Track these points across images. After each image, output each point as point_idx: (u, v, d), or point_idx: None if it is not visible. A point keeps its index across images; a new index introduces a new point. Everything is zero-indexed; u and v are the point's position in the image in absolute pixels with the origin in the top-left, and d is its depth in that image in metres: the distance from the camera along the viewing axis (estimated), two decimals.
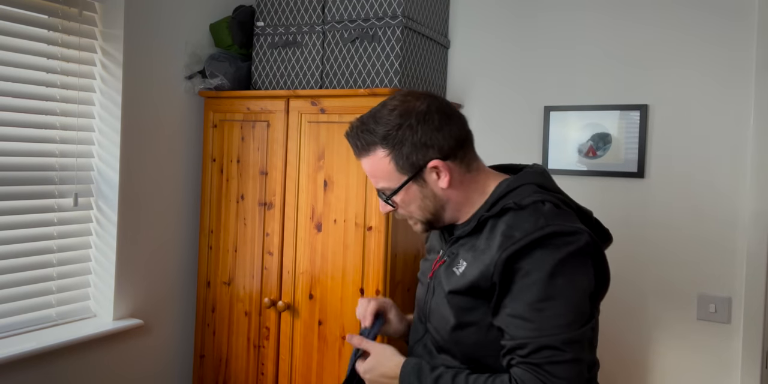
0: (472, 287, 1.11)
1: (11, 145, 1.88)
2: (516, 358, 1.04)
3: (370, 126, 1.17)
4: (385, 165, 1.17)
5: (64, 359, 1.97)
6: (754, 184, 1.97)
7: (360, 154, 1.20)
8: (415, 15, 2.15)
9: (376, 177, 1.20)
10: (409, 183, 1.17)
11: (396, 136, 1.15)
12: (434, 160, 1.16)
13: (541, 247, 1.05)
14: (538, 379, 1.00)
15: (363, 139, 1.18)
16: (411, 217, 1.23)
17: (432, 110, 1.17)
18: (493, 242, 1.10)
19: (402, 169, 1.16)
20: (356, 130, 1.19)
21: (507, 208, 1.12)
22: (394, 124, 1.15)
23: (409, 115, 1.16)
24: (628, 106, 2.14)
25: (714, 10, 2.03)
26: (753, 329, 1.96)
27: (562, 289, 1.04)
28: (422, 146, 1.15)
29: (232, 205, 2.29)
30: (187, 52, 2.31)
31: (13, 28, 1.87)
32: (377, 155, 1.17)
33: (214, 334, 2.33)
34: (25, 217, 1.93)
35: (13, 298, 1.92)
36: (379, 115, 1.17)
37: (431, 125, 1.16)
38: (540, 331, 1.02)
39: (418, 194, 1.18)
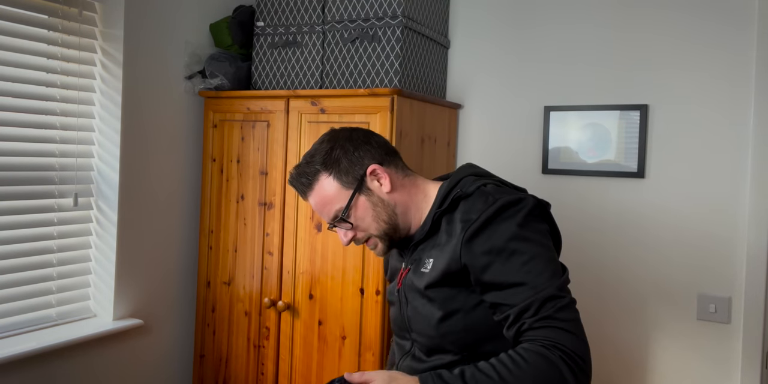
0: (445, 274, 1.17)
1: (11, 145, 1.88)
2: (527, 322, 1.07)
3: (308, 161, 1.28)
4: (331, 185, 1.25)
5: (64, 359, 1.97)
6: (754, 184, 1.97)
7: (308, 190, 1.27)
8: (415, 15, 2.15)
9: (327, 204, 1.26)
10: (356, 195, 1.25)
11: (332, 156, 1.26)
12: (371, 165, 1.26)
13: (498, 220, 1.14)
14: (558, 328, 1.05)
15: (306, 173, 1.27)
16: (370, 236, 1.27)
17: (355, 131, 1.31)
18: (455, 231, 1.18)
19: (346, 184, 1.25)
20: (298, 170, 1.28)
21: (456, 197, 1.21)
22: (326, 149, 1.27)
23: (335, 139, 1.29)
24: (628, 106, 2.14)
25: (714, 11, 2.03)
26: (753, 329, 1.96)
27: (533, 248, 1.12)
28: (357, 158, 1.26)
29: (232, 205, 2.29)
30: (187, 52, 2.31)
31: (13, 28, 1.87)
32: (321, 181, 1.26)
33: (214, 334, 2.33)
34: (25, 217, 1.93)
35: (13, 298, 1.92)
36: (311, 152, 1.29)
37: (358, 140, 1.29)
38: (535, 288, 1.08)
39: (368, 204, 1.25)
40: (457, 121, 2.47)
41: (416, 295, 1.24)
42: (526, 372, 1.01)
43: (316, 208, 1.28)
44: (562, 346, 1.03)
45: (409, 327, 1.27)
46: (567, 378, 1.01)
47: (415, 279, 1.24)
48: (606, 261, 2.17)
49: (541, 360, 1.02)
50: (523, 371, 1.01)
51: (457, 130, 2.47)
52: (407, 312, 1.27)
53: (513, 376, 1.01)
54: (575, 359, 1.02)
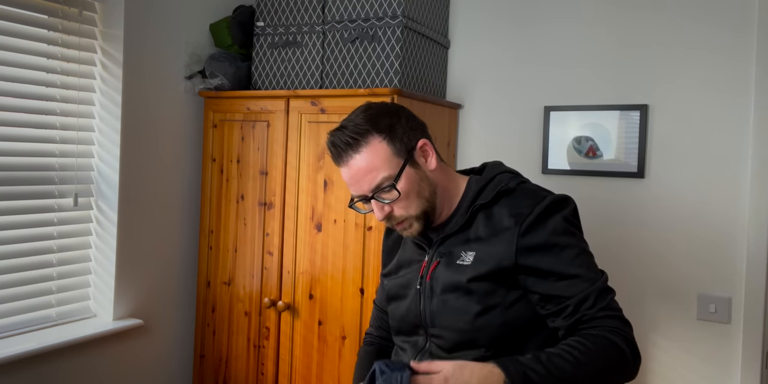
0: (495, 269, 1.17)
1: (11, 145, 1.88)
2: (588, 313, 1.12)
3: (357, 123, 1.21)
4: (383, 150, 1.19)
5: (64, 359, 1.97)
6: (754, 184, 1.97)
7: (353, 152, 1.19)
8: (415, 15, 2.15)
9: (373, 170, 1.18)
10: (407, 165, 1.20)
11: (385, 122, 1.21)
12: (422, 139, 1.24)
13: (550, 215, 1.17)
14: (616, 317, 1.13)
15: (355, 133, 1.19)
16: (408, 215, 1.22)
17: (398, 105, 1.29)
18: (502, 224, 1.19)
19: (398, 152, 1.20)
20: (344, 131, 1.21)
21: (501, 191, 1.22)
22: (375, 115, 1.22)
23: (383, 108, 1.25)
24: (628, 106, 2.14)
25: (714, 11, 2.03)
26: (753, 329, 1.96)
27: (581, 243, 1.19)
28: (409, 129, 1.23)
29: (232, 205, 2.29)
30: (187, 52, 2.31)
31: (13, 28, 1.87)
32: (373, 143, 1.19)
33: (214, 334, 2.33)
34: (25, 217, 1.93)
35: (13, 298, 1.92)
36: (359, 117, 1.23)
37: (408, 113, 1.27)
38: (591, 281, 1.14)
39: (416, 177, 1.21)
40: (457, 121, 2.47)
41: (449, 288, 1.21)
42: (597, 353, 1.07)
43: (356, 175, 1.20)
44: (623, 331, 1.12)
45: (430, 321, 1.24)
46: (629, 358, 1.10)
47: (451, 272, 1.21)
48: (606, 261, 2.17)
49: (608, 343, 1.09)
50: (593, 352, 1.07)
51: (457, 130, 2.47)
52: (431, 306, 1.24)
53: (585, 356, 1.06)
54: (633, 343, 1.12)
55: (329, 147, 1.23)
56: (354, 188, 1.22)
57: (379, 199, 1.21)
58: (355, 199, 1.25)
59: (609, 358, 1.08)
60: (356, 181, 1.20)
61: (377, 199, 1.21)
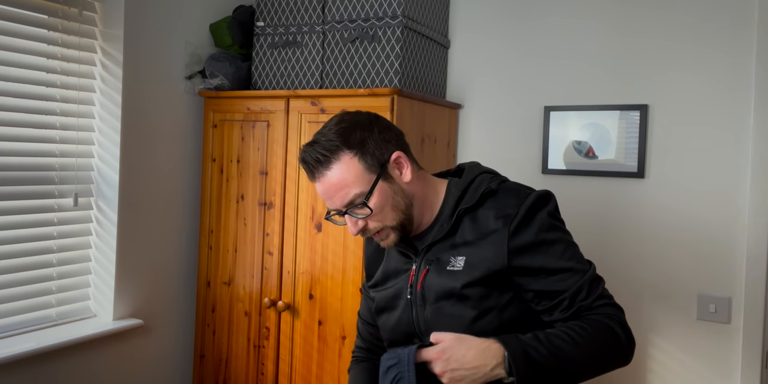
0: (487, 272, 1.17)
1: (11, 145, 1.88)
2: (584, 304, 1.15)
3: (329, 138, 1.18)
4: (354, 167, 1.17)
5: (64, 359, 1.97)
6: (754, 184, 1.97)
7: (324, 169, 1.18)
8: (415, 15, 2.15)
9: (345, 187, 1.17)
10: (379, 181, 1.18)
11: (355, 136, 1.19)
12: (396, 151, 1.21)
13: (535, 212, 1.18)
14: (610, 304, 1.16)
15: (326, 150, 1.17)
16: (383, 226, 1.21)
17: (373, 114, 1.26)
18: (489, 227, 1.19)
19: (370, 168, 1.18)
20: (313, 147, 1.19)
21: (485, 193, 1.22)
22: (348, 128, 1.19)
23: (356, 120, 1.22)
24: (628, 106, 2.14)
25: (714, 11, 2.03)
26: (753, 329, 1.96)
27: (566, 236, 1.20)
28: (382, 141, 1.21)
29: (232, 205, 2.29)
30: (187, 52, 2.31)
31: (13, 28, 1.87)
32: (343, 160, 1.17)
33: (214, 334, 2.33)
34: (25, 217, 1.93)
35: (13, 298, 1.92)
36: (328, 132, 1.20)
37: (382, 124, 1.23)
38: (581, 272, 1.16)
39: (389, 191, 1.20)
40: (457, 121, 2.47)
41: (443, 296, 1.20)
42: (594, 336, 1.10)
43: (328, 191, 1.19)
44: (618, 317, 1.15)
45: (424, 330, 1.23)
46: (623, 343, 1.13)
47: (443, 279, 1.20)
48: (606, 261, 2.17)
49: (605, 327, 1.12)
50: (590, 335, 1.10)
51: (457, 130, 2.47)
52: (424, 314, 1.22)
53: (582, 338, 1.09)
54: (627, 328, 1.15)
55: (301, 163, 1.21)
56: (328, 203, 1.21)
57: (352, 214, 1.20)
58: (331, 213, 1.24)
59: (605, 342, 1.11)
60: (329, 196, 1.20)
61: (350, 214, 1.20)
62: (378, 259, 1.39)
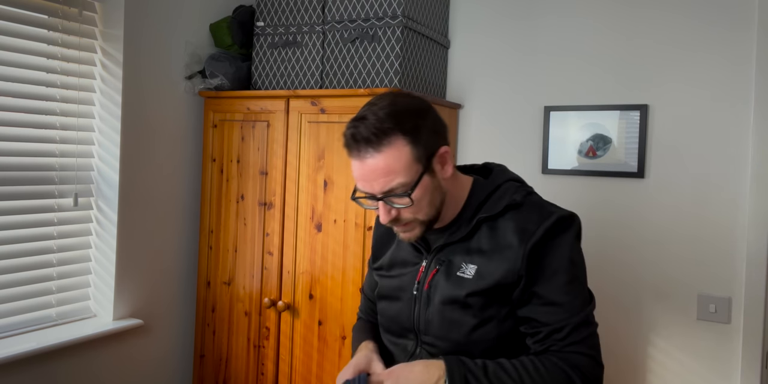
0: (497, 286, 1.15)
1: (11, 145, 1.88)
2: (556, 344, 1.11)
3: (382, 118, 1.10)
4: (405, 155, 1.09)
5: (64, 359, 1.97)
6: (754, 184, 1.97)
7: (372, 149, 1.09)
8: (415, 15, 2.15)
9: (390, 173, 1.09)
10: (425, 174, 1.12)
11: (412, 123, 1.11)
12: (443, 146, 1.15)
13: (555, 235, 1.14)
14: (584, 354, 1.10)
15: (378, 130, 1.08)
16: (414, 219, 1.16)
17: (426, 102, 1.19)
18: (506, 240, 1.16)
19: (419, 158, 1.11)
20: (366, 124, 1.09)
21: (510, 205, 1.18)
22: (405, 114, 1.11)
23: (413, 106, 1.15)
24: (628, 106, 2.14)
25: (714, 11, 2.03)
26: (753, 329, 1.96)
27: (578, 270, 1.15)
28: (433, 132, 1.14)
29: (232, 205, 2.29)
30: (187, 52, 2.31)
31: (13, 28, 1.87)
32: (396, 145, 1.09)
33: (214, 334, 2.33)
34: (25, 217, 1.93)
35: (13, 298, 1.92)
36: (383, 110, 1.11)
37: (434, 114, 1.18)
38: (571, 312, 1.11)
39: (430, 185, 1.14)
40: (457, 121, 2.47)
41: (447, 301, 1.18)
42: (545, 381, 1.07)
43: (369, 174, 1.11)
44: (585, 369, 1.09)
45: (423, 329, 1.22)
46: None
47: (451, 284, 1.18)
48: (606, 261, 2.17)
49: (562, 375, 1.08)
50: (542, 379, 1.07)
51: (457, 130, 2.47)
52: (426, 314, 1.21)
53: (530, 378, 1.07)
54: (591, 383, 1.09)
55: (347, 138, 1.12)
56: (363, 184, 1.13)
57: (388, 202, 1.13)
58: (361, 194, 1.16)
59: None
60: (368, 179, 1.11)
61: (387, 202, 1.13)
62: (388, 242, 1.36)
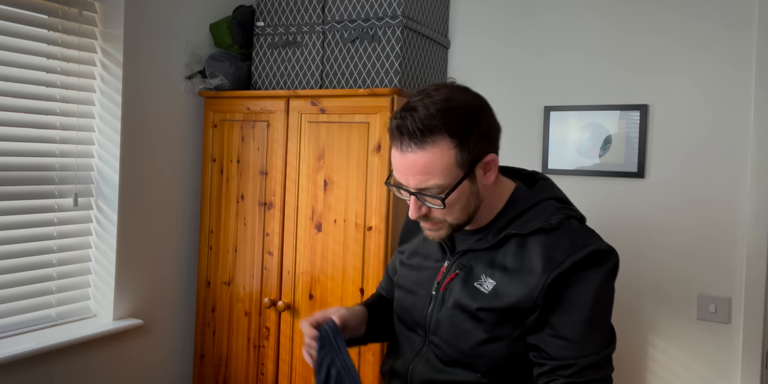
0: (511, 308, 1.10)
1: (11, 145, 1.88)
2: (560, 379, 1.05)
3: (432, 113, 1.05)
4: (448, 158, 1.05)
5: (64, 359, 1.97)
6: (754, 184, 1.97)
7: (414, 145, 1.05)
8: (415, 15, 2.15)
9: (430, 173, 1.05)
10: (465, 178, 1.08)
11: (463, 125, 1.06)
12: (491, 154, 1.10)
13: (584, 268, 1.07)
14: None
15: (426, 127, 1.04)
16: (443, 220, 1.13)
17: (485, 103, 1.14)
18: (531, 263, 1.09)
19: (460, 164, 1.06)
20: (415, 117, 1.05)
21: (542, 229, 1.12)
22: (459, 113, 1.06)
23: (470, 106, 1.09)
24: (628, 106, 2.14)
25: (714, 11, 2.03)
26: (753, 329, 1.96)
27: (602, 309, 1.08)
28: (484, 140, 1.09)
29: (232, 205, 2.29)
30: (187, 52, 2.31)
31: (13, 28, 1.87)
32: (440, 147, 1.04)
33: (214, 334, 2.33)
34: (25, 217, 1.93)
35: (13, 298, 1.92)
36: (437, 105, 1.06)
37: (489, 118, 1.12)
38: (583, 351, 1.05)
39: (468, 192, 1.10)
40: None
41: (459, 308, 1.15)
42: None
43: (407, 169, 1.07)
44: None
45: (433, 329, 1.19)
46: None
47: (464, 292, 1.15)
48: None
49: None
50: None
51: None
52: (438, 315, 1.18)
53: None
54: None
55: (392, 128, 1.08)
56: (399, 176, 1.10)
57: (421, 199, 1.10)
58: (396, 184, 1.13)
59: None
60: (405, 173, 1.08)
61: (419, 198, 1.10)
62: (414, 231, 1.33)
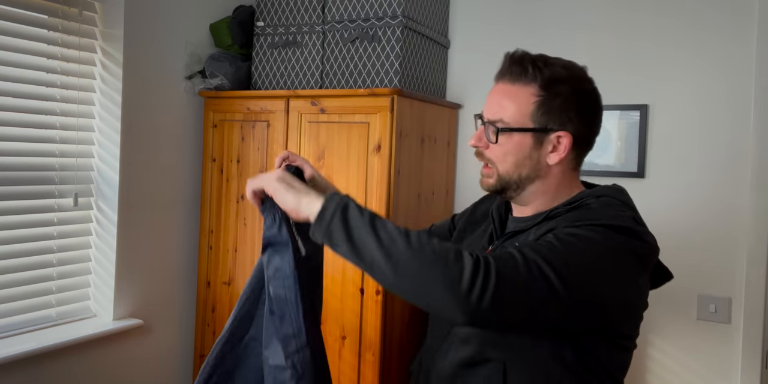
0: None
1: (11, 145, 1.88)
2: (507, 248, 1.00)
3: (546, 65, 1.11)
4: (526, 104, 1.10)
5: (64, 359, 1.97)
6: (754, 184, 1.97)
7: (509, 77, 1.12)
8: (415, 15, 2.15)
9: (503, 107, 1.11)
10: (528, 133, 1.09)
11: (561, 90, 1.10)
12: (565, 132, 1.11)
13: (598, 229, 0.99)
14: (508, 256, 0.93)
15: (525, 72, 1.10)
16: (493, 166, 1.14)
17: (598, 95, 1.17)
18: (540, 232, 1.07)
19: (534, 118, 1.09)
20: (527, 56, 1.12)
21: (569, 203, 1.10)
22: (563, 78, 1.10)
23: (580, 79, 1.13)
24: (628, 106, 2.14)
25: (714, 10, 2.03)
26: (753, 329, 1.96)
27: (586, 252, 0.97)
28: (568, 117, 1.11)
29: (232, 205, 2.28)
30: (187, 52, 2.31)
31: (13, 28, 1.87)
32: (527, 90, 1.10)
33: (214, 334, 2.33)
34: (25, 217, 1.93)
35: (13, 298, 1.92)
36: (559, 64, 1.12)
37: (589, 102, 1.14)
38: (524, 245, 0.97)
39: (527, 151, 1.11)
40: (457, 121, 2.47)
41: None
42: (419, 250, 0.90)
43: (491, 97, 1.15)
44: (491, 258, 0.91)
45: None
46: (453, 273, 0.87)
47: None
48: None
49: (449, 251, 0.90)
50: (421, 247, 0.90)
51: (457, 130, 2.47)
52: None
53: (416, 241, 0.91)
54: (490, 270, 0.88)
55: (506, 58, 1.16)
56: (485, 105, 1.16)
57: (486, 131, 1.14)
58: (480, 114, 1.18)
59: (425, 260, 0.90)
60: (489, 100, 1.15)
61: (486, 127, 1.14)
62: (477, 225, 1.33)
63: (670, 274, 1.24)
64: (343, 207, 0.98)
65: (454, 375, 1.13)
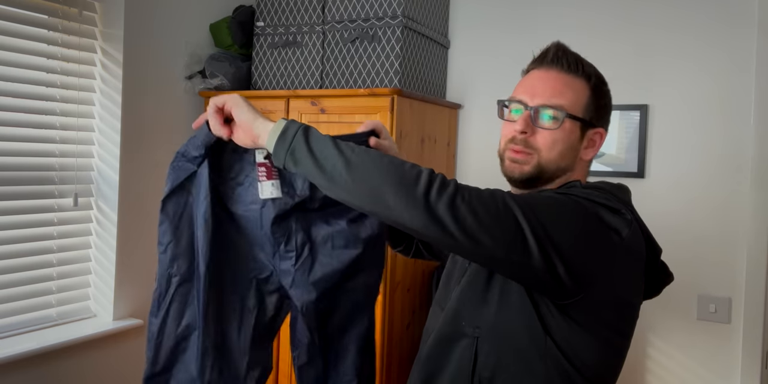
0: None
1: (11, 145, 1.88)
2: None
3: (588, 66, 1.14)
4: (583, 94, 1.10)
5: (64, 359, 1.97)
6: (754, 184, 1.97)
7: (566, 67, 1.11)
8: (415, 15, 2.15)
9: (563, 93, 1.08)
10: (578, 124, 1.09)
11: (602, 91, 1.14)
12: (602, 130, 1.15)
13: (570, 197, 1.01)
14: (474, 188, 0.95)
15: (579, 67, 1.11)
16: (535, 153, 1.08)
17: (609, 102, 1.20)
18: None
19: (586, 109, 1.10)
20: (576, 59, 1.13)
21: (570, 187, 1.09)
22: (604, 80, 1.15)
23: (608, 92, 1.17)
24: (628, 106, 2.14)
25: (714, 10, 2.03)
26: (753, 329, 1.96)
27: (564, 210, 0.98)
28: (605, 113, 1.15)
29: None
30: (187, 52, 2.31)
31: (13, 28, 1.87)
32: (582, 83, 1.11)
33: None
34: (25, 217, 1.93)
35: (13, 298, 1.92)
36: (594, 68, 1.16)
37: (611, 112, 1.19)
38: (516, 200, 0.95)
39: (573, 143, 1.10)
40: (457, 121, 2.47)
41: None
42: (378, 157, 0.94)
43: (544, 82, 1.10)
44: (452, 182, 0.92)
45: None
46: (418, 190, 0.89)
47: None
48: None
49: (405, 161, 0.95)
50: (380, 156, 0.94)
51: (457, 130, 2.47)
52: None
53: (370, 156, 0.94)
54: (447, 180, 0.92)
55: (552, 47, 1.16)
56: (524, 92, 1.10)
57: (536, 116, 1.07)
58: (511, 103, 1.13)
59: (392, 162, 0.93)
60: (537, 85, 1.10)
61: (533, 115, 1.07)
62: None
63: (671, 275, 1.21)
64: (305, 127, 1.00)
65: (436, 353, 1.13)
